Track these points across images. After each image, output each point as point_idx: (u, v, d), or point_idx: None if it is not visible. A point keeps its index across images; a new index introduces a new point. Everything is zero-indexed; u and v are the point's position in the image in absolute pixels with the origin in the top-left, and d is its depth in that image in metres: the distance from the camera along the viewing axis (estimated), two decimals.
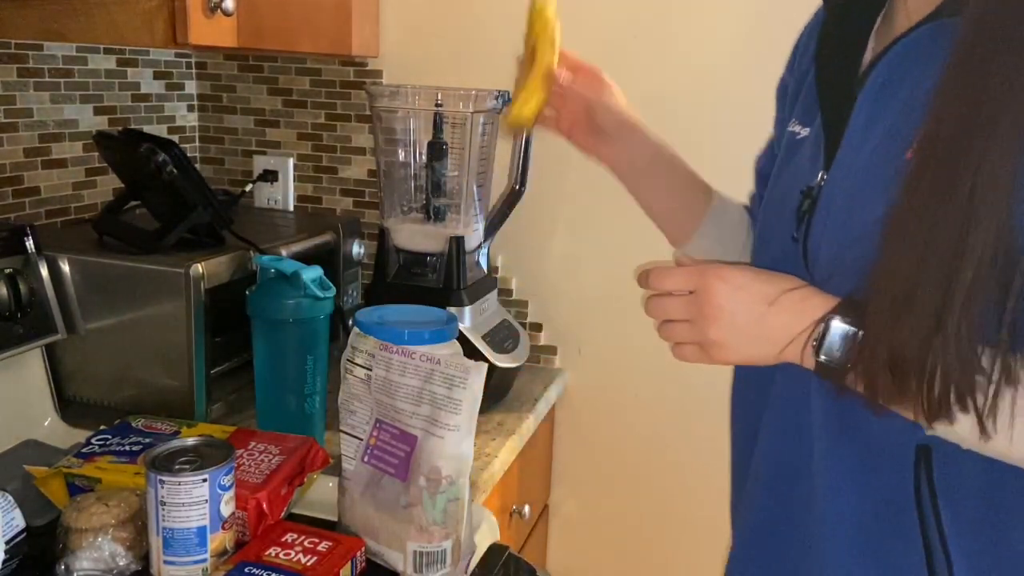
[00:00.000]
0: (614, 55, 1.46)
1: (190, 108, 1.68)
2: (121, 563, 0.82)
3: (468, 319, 1.31)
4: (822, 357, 0.68)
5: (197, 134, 1.71)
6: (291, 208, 1.67)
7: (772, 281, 0.72)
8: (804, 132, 0.81)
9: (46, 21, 1.11)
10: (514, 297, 1.59)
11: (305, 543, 0.85)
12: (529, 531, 1.52)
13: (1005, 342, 0.62)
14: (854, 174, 0.73)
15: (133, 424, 1.05)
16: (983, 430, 0.63)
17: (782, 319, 0.70)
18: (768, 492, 0.83)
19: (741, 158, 1.01)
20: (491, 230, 1.42)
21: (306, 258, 1.23)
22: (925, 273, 0.62)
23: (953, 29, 0.65)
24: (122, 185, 1.35)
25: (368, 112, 1.56)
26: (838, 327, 0.67)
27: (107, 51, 1.46)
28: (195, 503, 0.80)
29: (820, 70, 0.81)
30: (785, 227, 0.80)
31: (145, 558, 0.83)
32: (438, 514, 0.84)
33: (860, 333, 0.66)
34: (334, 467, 0.95)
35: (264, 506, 0.88)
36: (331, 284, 1.11)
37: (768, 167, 0.91)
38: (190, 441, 0.85)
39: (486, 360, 1.26)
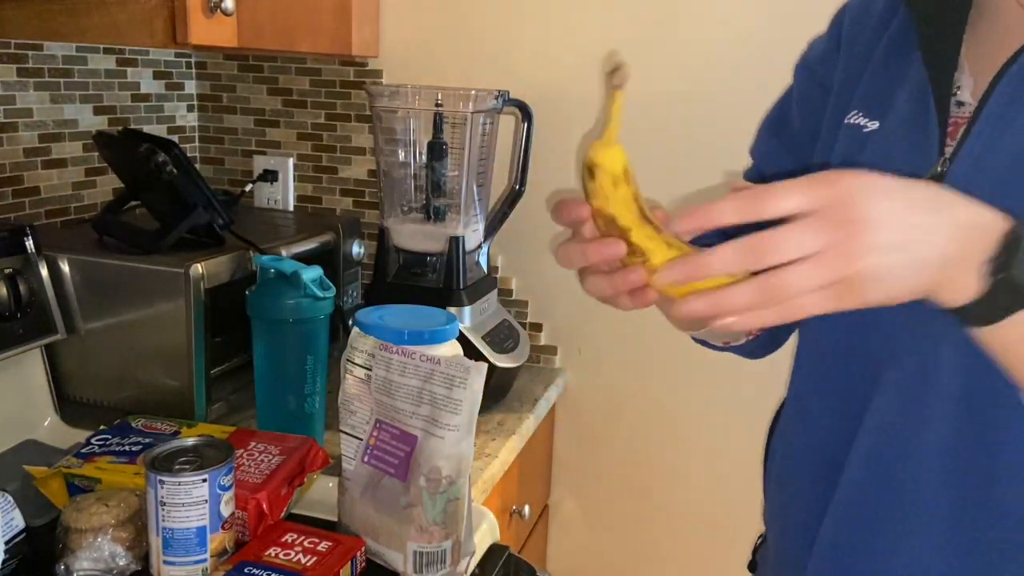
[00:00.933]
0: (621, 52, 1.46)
1: (190, 108, 1.68)
2: (121, 563, 0.82)
3: (468, 319, 1.30)
4: (1013, 272, 0.54)
5: (197, 134, 1.71)
6: (291, 208, 1.67)
7: (925, 186, 0.56)
8: (873, 126, 0.78)
9: (46, 21, 1.11)
10: (514, 297, 1.59)
11: (305, 543, 0.85)
12: (529, 531, 1.52)
13: None
14: (999, 159, 0.66)
15: (133, 424, 1.05)
16: None
17: (956, 231, 0.54)
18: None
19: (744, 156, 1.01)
20: (491, 230, 1.42)
21: (306, 258, 1.23)
22: None
23: None
24: (122, 185, 1.35)
25: (368, 112, 1.56)
26: None
27: (107, 51, 1.46)
28: (195, 503, 0.80)
29: (928, 64, 0.74)
30: None
31: (145, 558, 0.83)
32: (438, 514, 0.84)
33: None
34: (334, 467, 0.95)
35: (264, 506, 0.88)
36: (331, 284, 1.11)
37: (777, 125, 0.90)
38: (190, 441, 0.85)
39: (486, 360, 1.26)
